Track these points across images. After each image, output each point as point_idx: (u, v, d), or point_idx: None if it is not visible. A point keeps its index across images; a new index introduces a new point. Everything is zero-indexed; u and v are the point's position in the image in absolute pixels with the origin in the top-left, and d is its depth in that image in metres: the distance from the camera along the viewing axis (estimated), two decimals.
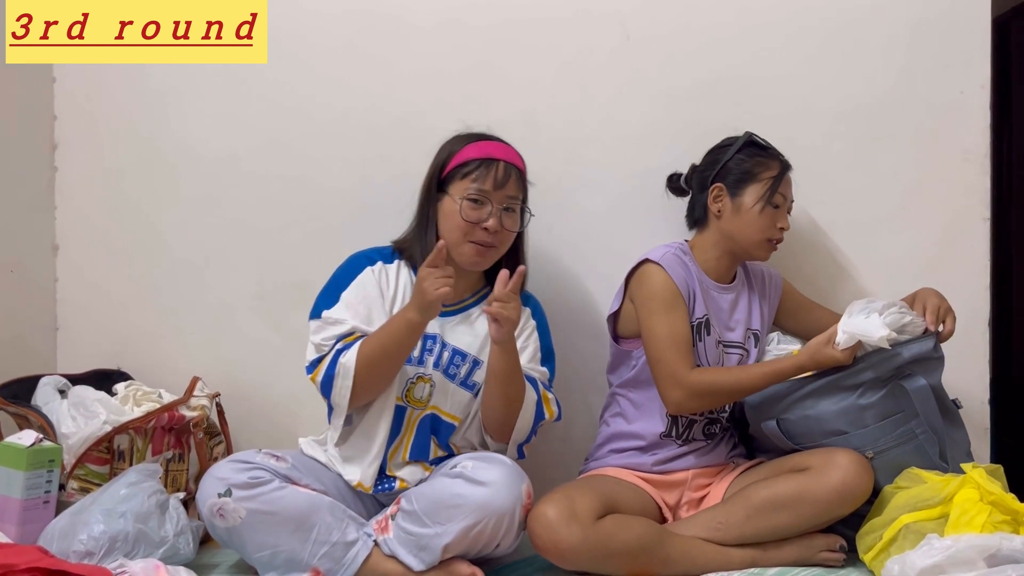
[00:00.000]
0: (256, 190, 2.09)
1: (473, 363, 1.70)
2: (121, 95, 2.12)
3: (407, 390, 1.69)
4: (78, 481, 1.71)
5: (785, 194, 1.79)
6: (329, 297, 1.69)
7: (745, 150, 1.80)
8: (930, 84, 1.96)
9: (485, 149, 1.70)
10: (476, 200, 1.66)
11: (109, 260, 2.13)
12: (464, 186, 1.67)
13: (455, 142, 1.73)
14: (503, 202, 1.68)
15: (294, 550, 1.56)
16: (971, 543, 1.38)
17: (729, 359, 1.79)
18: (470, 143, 1.71)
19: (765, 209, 1.75)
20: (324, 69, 2.07)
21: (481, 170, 1.67)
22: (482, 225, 1.66)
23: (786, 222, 1.78)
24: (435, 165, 1.72)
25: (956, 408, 1.71)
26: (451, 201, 1.67)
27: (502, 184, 1.67)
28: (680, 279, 1.73)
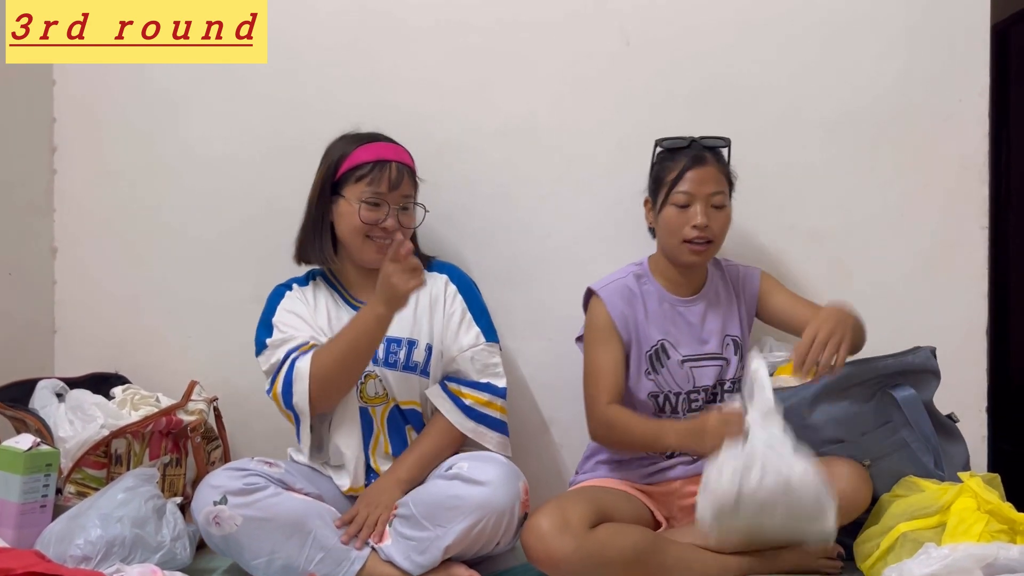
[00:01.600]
0: (255, 193, 2.08)
1: (409, 345, 1.74)
2: (121, 97, 2.12)
3: (360, 390, 1.73)
4: (75, 485, 1.71)
5: (691, 191, 1.70)
6: (264, 330, 1.76)
7: (659, 158, 1.79)
8: (928, 91, 1.96)
9: (376, 151, 1.73)
10: (373, 203, 1.70)
11: (108, 263, 2.13)
12: (359, 189, 1.71)
13: (344, 144, 1.76)
14: (398, 202, 1.73)
15: (290, 556, 1.56)
16: (968, 552, 1.38)
17: (703, 373, 1.76)
18: (360, 145, 1.74)
19: (667, 210, 1.72)
20: (324, 72, 2.07)
21: (375, 172, 1.70)
22: (380, 225, 1.71)
23: (701, 219, 1.69)
24: (326, 168, 1.75)
25: (952, 422, 1.71)
26: (347, 204, 1.71)
27: (396, 185, 1.72)
28: (618, 311, 1.75)
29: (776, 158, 1.99)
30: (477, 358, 1.73)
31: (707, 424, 1.57)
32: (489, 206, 1.95)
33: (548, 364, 1.88)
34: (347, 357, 1.64)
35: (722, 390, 1.77)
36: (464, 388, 1.71)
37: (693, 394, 1.76)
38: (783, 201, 1.99)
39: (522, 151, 2.03)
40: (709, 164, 1.73)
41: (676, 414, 1.75)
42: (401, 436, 1.73)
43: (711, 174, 1.72)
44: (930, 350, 1.68)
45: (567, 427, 1.92)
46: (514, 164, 2.03)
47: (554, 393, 1.81)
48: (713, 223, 1.71)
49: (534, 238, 2.03)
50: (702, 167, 1.72)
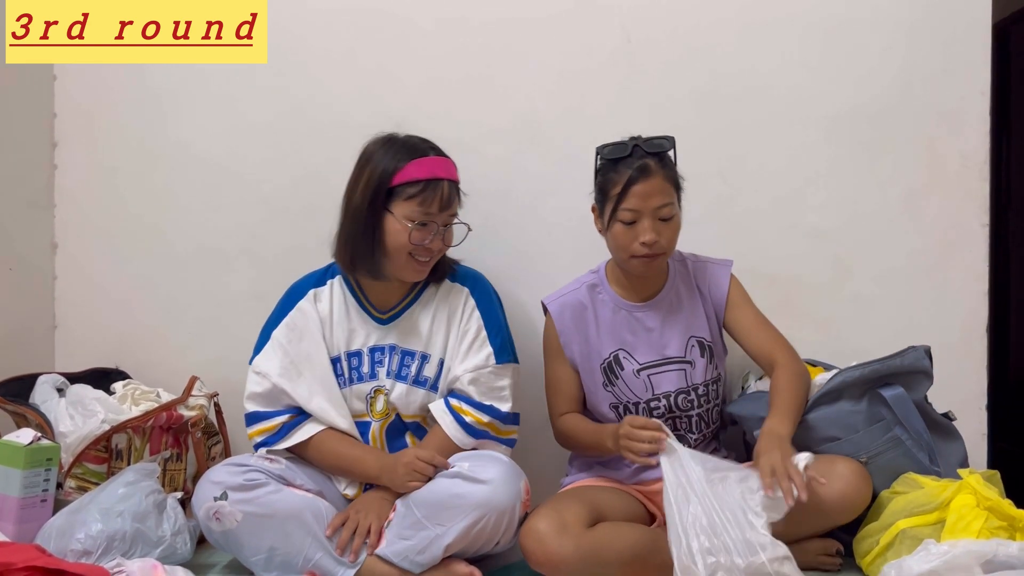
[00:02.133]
0: (255, 190, 2.09)
1: (422, 359, 1.73)
2: (121, 93, 2.12)
3: (369, 405, 1.73)
4: (76, 480, 1.71)
5: (636, 207, 1.63)
6: (263, 337, 1.75)
7: (602, 167, 1.71)
8: (930, 90, 1.96)
9: (430, 168, 1.65)
10: (422, 223, 1.64)
11: (108, 258, 2.13)
12: (410, 208, 1.63)
13: (393, 154, 1.66)
14: (445, 221, 1.68)
15: (290, 553, 1.56)
16: (968, 549, 1.38)
17: (662, 380, 1.73)
18: (412, 160, 1.64)
19: (615, 226, 1.66)
20: (323, 69, 2.08)
21: (428, 193, 1.63)
22: (426, 245, 1.66)
23: (649, 235, 1.63)
24: (377, 179, 1.64)
25: (949, 421, 1.71)
26: (395, 222, 1.64)
27: (447, 206, 1.66)
28: (566, 327, 1.76)
29: (777, 156, 1.99)
30: (482, 380, 1.69)
31: (618, 430, 1.59)
32: (489, 202, 1.94)
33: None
34: (328, 467, 1.72)
35: (696, 395, 1.74)
36: (466, 406, 1.69)
37: (653, 402, 1.73)
38: (784, 199, 2.00)
39: (522, 147, 2.04)
40: (654, 175, 1.64)
41: None
42: (402, 444, 1.74)
43: (656, 186, 1.64)
44: (923, 350, 1.69)
45: None
46: (514, 160, 2.04)
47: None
48: (662, 236, 1.65)
49: (534, 234, 2.04)
50: (647, 180, 1.63)
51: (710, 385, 1.75)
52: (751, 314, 1.77)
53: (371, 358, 1.74)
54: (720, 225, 1.97)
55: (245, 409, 1.71)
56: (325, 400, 1.70)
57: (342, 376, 1.73)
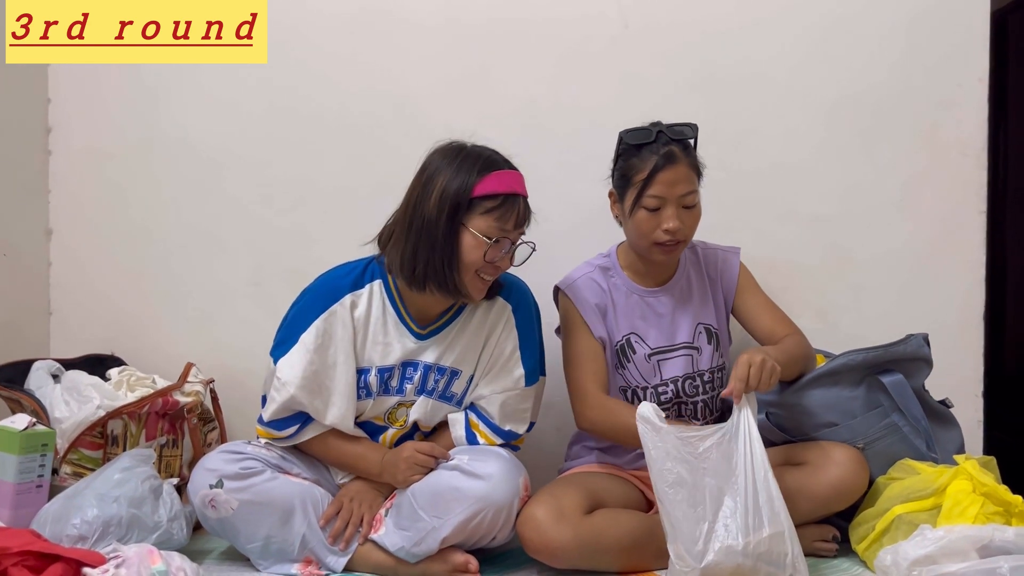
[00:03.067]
0: (252, 176, 2.08)
1: (451, 375, 1.68)
2: (116, 79, 2.11)
3: (389, 415, 1.70)
4: (71, 466, 1.71)
5: (662, 195, 1.63)
6: (290, 334, 1.63)
7: (624, 152, 1.69)
8: (928, 77, 1.96)
9: (508, 183, 1.57)
10: (498, 240, 1.56)
11: (103, 245, 2.12)
12: (487, 223, 1.55)
13: (472, 164, 1.57)
14: (517, 239, 1.61)
15: (286, 540, 1.56)
16: (964, 534, 1.39)
17: (670, 365, 1.73)
18: (491, 172, 1.57)
19: (639, 213, 1.65)
20: (321, 60, 2.06)
21: (506, 208, 1.56)
22: (496, 263, 1.58)
23: (673, 222, 1.62)
24: (456, 188, 1.54)
25: (946, 407, 1.72)
26: (471, 237, 1.55)
27: (522, 223, 1.60)
28: (586, 304, 1.72)
29: (776, 143, 1.99)
30: (508, 403, 1.66)
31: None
32: None
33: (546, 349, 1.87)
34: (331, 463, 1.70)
35: (702, 381, 1.75)
36: (483, 426, 1.67)
37: (661, 387, 1.73)
38: (783, 186, 1.99)
39: (521, 135, 2.02)
40: (679, 162, 1.63)
41: None
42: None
43: (682, 173, 1.63)
44: (922, 337, 1.69)
45: (565, 412, 1.91)
46: (513, 149, 2.01)
47: (551, 378, 1.80)
48: (685, 224, 1.65)
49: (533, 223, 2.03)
50: (673, 167, 1.63)
51: (715, 372, 1.75)
52: (760, 298, 1.78)
53: (402, 373, 1.66)
54: (718, 212, 1.96)
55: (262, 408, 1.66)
56: (340, 412, 1.63)
57: (367, 388, 1.65)
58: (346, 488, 1.66)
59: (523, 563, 1.62)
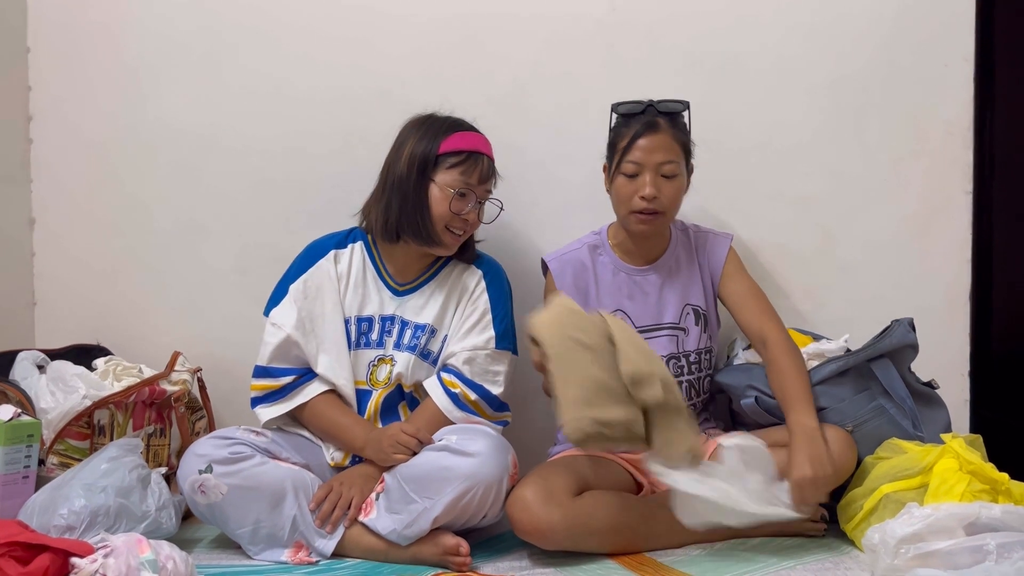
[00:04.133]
0: (235, 163, 2.07)
1: (431, 332, 1.74)
2: (97, 66, 2.09)
3: (370, 373, 1.74)
4: (58, 456, 1.70)
5: (640, 160, 1.66)
6: (281, 290, 1.76)
7: (615, 125, 1.73)
8: (914, 57, 1.96)
9: (472, 142, 1.72)
10: (462, 193, 1.68)
11: (88, 234, 2.10)
12: (452, 177, 1.68)
13: (435, 127, 1.72)
14: (482, 196, 1.73)
15: (276, 525, 1.57)
16: (950, 512, 1.39)
17: (655, 344, 1.73)
18: (455, 132, 1.71)
19: (618, 179, 1.69)
20: (304, 41, 2.04)
21: (469, 163, 1.69)
22: (463, 216, 1.69)
23: (649, 189, 1.65)
24: (423, 148, 1.70)
25: (932, 389, 1.73)
26: (437, 190, 1.69)
27: (485, 179, 1.72)
28: (567, 285, 1.75)
29: (763, 124, 1.99)
30: (477, 361, 1.70)
31: None
32: None
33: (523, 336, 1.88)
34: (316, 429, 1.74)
35: (687, 362, 1.75)
36: (456, 380, 1.70)
37: None
38: (770, 167, 1.99)
39: (507, 119, 2.01)
40: (662, 131, 1.66)
41: None
42: (393, 415, 1.74)
43: (662, 142, 1.66)
44: (907, 323, 1.71)
45: None
46: (500, 132, 2.00)
47: None
48: (663, 193, 1.66)
49: (520, 206, 2.02)
50: (654, 134, 1.66)
51: (702, 354, 1.75)
52: (745, 286, 1.77)
53: (381, 327, 1.75)
54: (705, 193, 1.97)
55: (257, 360, 1.73)
56: (333, 359, 1.72)
57: (349, 337, 1.74)
58: (339, 474, 1.67)
59: (513, 546, 1.63)
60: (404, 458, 1.59)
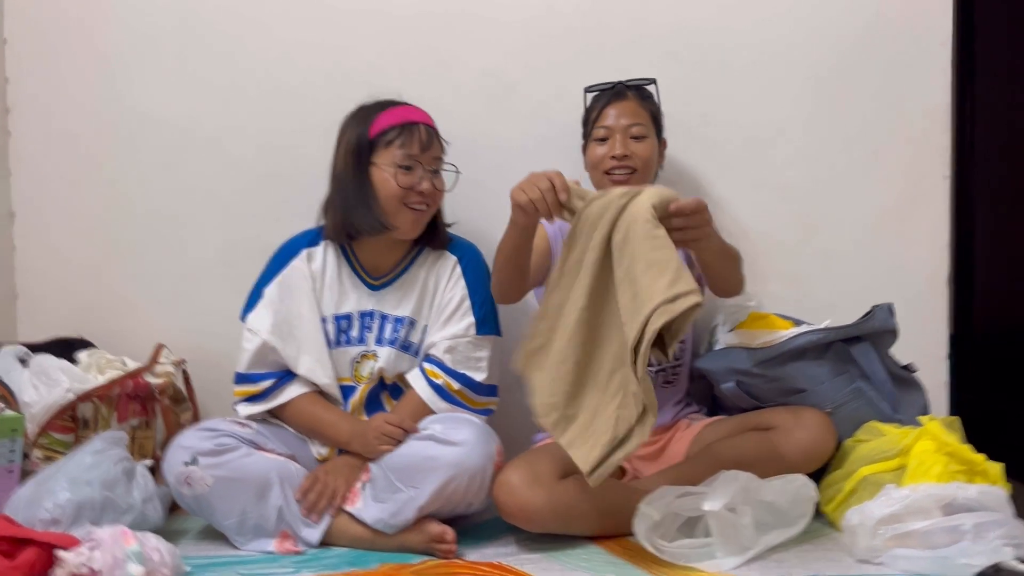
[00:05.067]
0: (218, 155, 2.05)
1: (410, 324, 1.74)
2: (75, 57, 2.07)
3: (354, 370, 1.74)
4: (42, 450, 1.69)
5: (609, 125, 1.75)
6: (255, 293, 1.75)
7: (588, 105, 1.82)
8: (893, 43, 1.97)
9: (402, 114, 1.70)
10: (407, 167, 1.67)
11: (69, 226, 2.09)
12: (391, 154, 1.67)
13: (365, 113, 1.71)
14: (430, 164, 1.71)
15: (262, 516, 1.57)
16: (928, 492, 1.42)
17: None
18: (383, 111, 1.70)
19: (590, 147, 1.77)
20: (284, 30, 2.03)
21: (405, 135, 1.67)
22: (416, 189, 1.68)
23: (619, 148, 1.72)
24: (355, 136, 1.69)
25: (910, 372, 1.75)
26: (379, 171, 1.68)
27: (428, 146, 1.70)
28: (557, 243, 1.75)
29: (744, 113, 1.99)
30: (459, 349, 1.70)
31: None
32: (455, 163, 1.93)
33: (518, 322, 1.88)
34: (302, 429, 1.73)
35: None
36: (438, 371, 1.70)
37: None
38: (751, 155, 2.00)
39: (488, 107, 2.02)
40: (628, 99, 1.77)
41: None
42: (377, 407, 1.74)
43: (629, 108, 1.76)
44: (887, 308, 1.72)
45: None
46: (480, 120, 2.02)
47: None
48: (634, 153, 1.73)
49: (501, 194, 2.01)
50: (621, 101, 1.76)
51: None
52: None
53: (361, 323, 1.74)
54: (688, 182, 1.97)
55: (236, 366, 1.73)
56: (313, 359, 1.72)
57: (328, 336, 1.74)
58: (325, 464, 1.67)
59: (499, 533, 1.64)
60: (390, 449, 1.60)
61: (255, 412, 1.71)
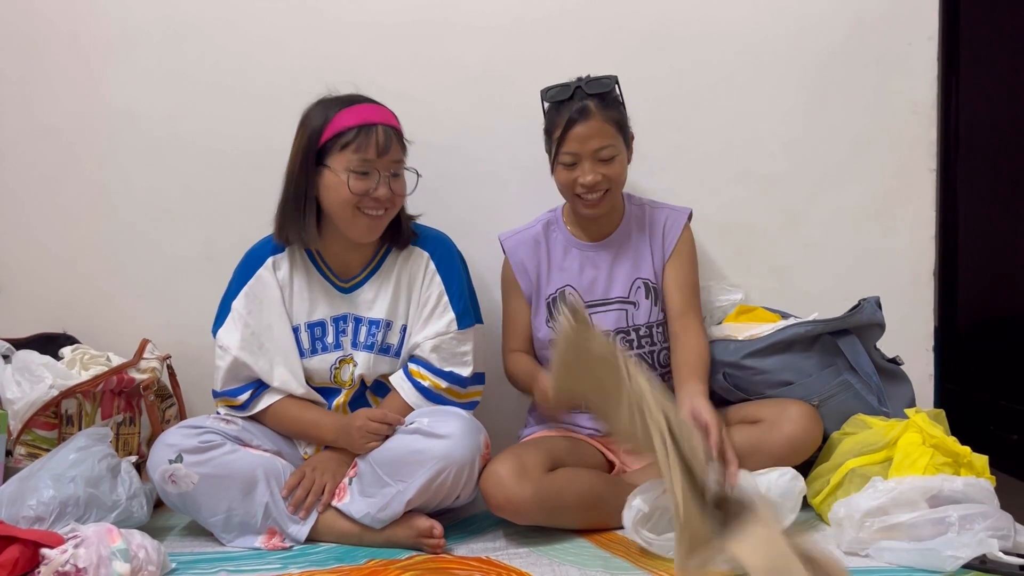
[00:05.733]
0: (200, 149, 2.04)
1: (386, 326, 1.71)
2: (55, 50, 2.04)
3: (334, 375, 1.71)
4: (26, 447, 1.68)
5: (575, 151, 1.66)
6: (223, 308, 1.71)
7: (547, 111, 1.73)
8: (878, 36, 1.97)
9: (360, 115, 1.61)
10: (362, 172, 1.59)
11: (50, 221, 2.07)
12: (346, 158, 1.59)
13: (323, 109, 1.63)
14: (388, 168, 1.62)
15: (248, 513, 1.56)
16: (914, 485, 1.42)
17: (603, 319, 1.75)
18: (341, 109, 1.61)
19: (558, 169, 1.70)
20: (267, 26, 2.02)
21: (361, 138, 1.59)
22: (372, 195, 1.60)
23: (589, 176, 1.65)
24: (306, 137, 1.62)
25: (897, 365, 1.76)
26: (333, 175, 1.60)
27: (385, 150, 1.60)
28: (518, 262, 1.78)
29: (729, 104, 2.00)
30: (443, 347, 1.67)
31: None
32: (443, 157, 1.92)
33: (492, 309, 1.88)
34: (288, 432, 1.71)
35: (637, 336, 1.76)
36: (425, 371, 1.67)
37: None
38: (737, 147, 2.00)
39: (475, 101, 2.01)
40: (593, 117, 1.65)
41: None
42: (362, 403, 1.72)
43: (595, 128, 1.65)
44: (875, 301, 1.74)
45: None
46: (468, 114, 2.01)
47: None
48: (605, 176, 1.67)
49: (490, 188, 2.02)
50: (585, 122, 1.64)
51: (653, 327, 1.76)
52: (686, 271, 1.77)
53: (335, 328, 1.71)
54: (673, 173, 1.97)
55: (213, 384, 1.71)
56: (286, 371, 1.68)
57: (303, 346, 1.70)
58: (310, 459, 1.66)
59: (487, 526, 1.64)
60: (376, 445, 1.59)
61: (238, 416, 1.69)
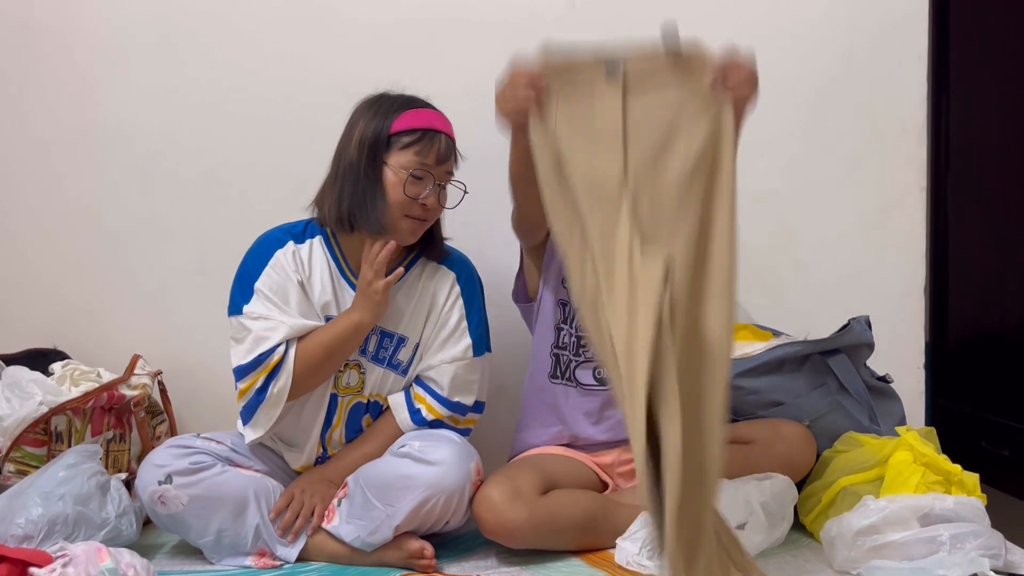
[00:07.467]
0: (192, 162, 2.04)
1: (399, 341, 1.67)
2: (46, 63, 2.05)
3: (336, 379, 1.66)
4: (15, 464, 1.67)
5: None
6: (243, 290, 1.61)
7: None
8: (869, 55, 1.99)
9: (428, 119, 1.60)
10: (418, 176, 1.58)
11: (41, 235, 2.07)
12: (405, 158, 1.57)
13: (387, 105, 1.60)
14: (442, 178, 1.61)
15: (238, 534, 1.55)
16: (905, 503, 1.43)
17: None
18: (407, 109, 1.60)
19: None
20: (260, 40, 2.03)
21: (424, 143, 1.58)
22: (420, 200, 1.59)
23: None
24: (374, 129, 1.58)
25: (887, 383, 1.77)
26: (391, 172, 1.58)
27: (444, 159, 1.60)
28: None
29: None
30: (459, 374, 1.65)
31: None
32: None
33: (499, 330, 1.87)
34: (324, 361, 1.59)
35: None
36: (428, 398, 1.65)
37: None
38: None
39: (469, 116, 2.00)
40: None
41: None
42: (357, 425, 1.69)
43: None
44: (864, 321, 1.74)
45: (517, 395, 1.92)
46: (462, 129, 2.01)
47: (505, 359, 1.81)
48: None
49: (483, 204, 2.01)
50: None
51: None
52: None
53: None
54: None
55: (232, 362, 1.60)
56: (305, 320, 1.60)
57: None
58: (297, 480, 1.65)
59: (479, 546, 1.63)
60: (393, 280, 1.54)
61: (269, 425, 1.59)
